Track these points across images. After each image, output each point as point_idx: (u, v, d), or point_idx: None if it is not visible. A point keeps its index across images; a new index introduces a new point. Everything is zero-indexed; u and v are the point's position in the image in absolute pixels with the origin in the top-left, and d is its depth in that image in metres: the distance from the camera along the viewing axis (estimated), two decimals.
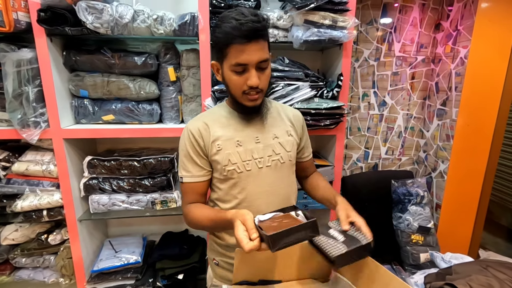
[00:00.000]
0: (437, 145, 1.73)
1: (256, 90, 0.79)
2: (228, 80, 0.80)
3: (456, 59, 1.56)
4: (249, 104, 0.82)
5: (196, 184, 0.87)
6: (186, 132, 0.87)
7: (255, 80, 0.77)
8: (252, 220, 0.65)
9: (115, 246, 1.57)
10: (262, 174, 0.87)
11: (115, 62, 1.29)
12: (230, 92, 0.84)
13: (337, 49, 1.39)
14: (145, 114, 1.37)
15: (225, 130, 0.86)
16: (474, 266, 0.83)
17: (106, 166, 1.36)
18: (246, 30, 0.72)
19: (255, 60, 0.75)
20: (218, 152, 0.84)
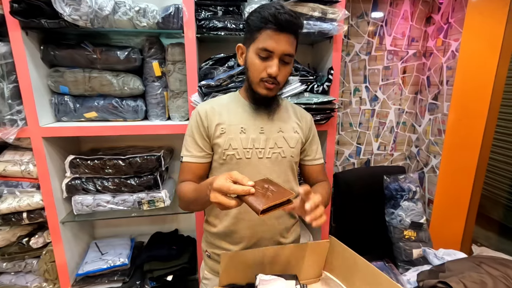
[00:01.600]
0: (429, 140, 1.72)
1: (273, 80, 0.80)
2: (250, 63, 0.81)
3: (447, 52, 1.55)
4: (263, 92, 0.83)
5: (193, 165, 0.88)
6: (194, 113, 0.90)
7: (275, 69, 0.78)
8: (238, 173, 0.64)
9: (102, 248, 1.51)
10: (261, 165, 0.87)
11: (96, 57, 1.23)
12: (248, 77, 0.85)
13: (327, 42, 1.36)
14: (129, 111, 1.32)
15: (231, 116, 0.88)
16: (467, 263, 0.81)
17: (89, 166, 1.31)
18: (282, 19, 0.74)
19: (281, 50, 0.77)
20: (221, 135, 0.86)
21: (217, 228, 0.92)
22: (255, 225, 0.88)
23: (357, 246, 0.82)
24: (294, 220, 0.98)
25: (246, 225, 0.88)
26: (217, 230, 0.91)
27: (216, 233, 0.92)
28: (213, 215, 0.93)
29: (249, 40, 0.81)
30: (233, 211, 0.88)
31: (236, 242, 0.89)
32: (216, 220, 0.92)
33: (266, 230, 0.89)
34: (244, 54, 0.85)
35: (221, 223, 0.90)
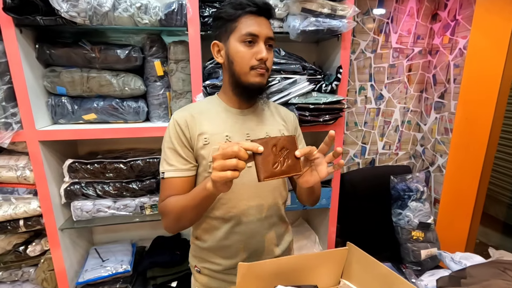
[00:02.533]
0: (435, 139, 1.70)
1: (264, 67, 0.77)
2: (235, 54, 0.77)
3: (455, 50, 1.52)
4: (256, 80, 0.78)
5: (179, 180, 0.79)
6: (171, 123, 0.82)
7: (265, 52, 0.76)
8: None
9: (102, 255, 1.46)
10: (249, 173, 0.79)
11: (95, 55, 1.17)
12: (233, 71, 0.79)
13: (335, 40, 1.32)
14: (130, 112, 1.26)
15: (213, 123, 0.81)
16: (491, 269, 0.79)
17: (89, 170, 1.25)
18: (259, 2, 0.75)
19: (265, 33, 0.76)
20: (205, 146, 0.79)
21: (207, 243, 0.86)
22: (248, 237, 0.84)
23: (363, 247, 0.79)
24: (286, 226, 0.95)
25: (239, 238, 0.84)
26: (208, 245, 0.86)
27: (207, 248, 0.86)
28: (202, 229, 0.87)
29: (226, 33, 0.78)
30: (224, 227, 0.83)
31: (229, 256, 0.85)
32: (206, 235, 0.86)
33: (260, 241, 0.85)
34: (222, 50, 0.80)
35: (211, 238, 0.85)
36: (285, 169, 0.61)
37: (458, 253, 0.97)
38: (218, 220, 0.84)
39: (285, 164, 0.61)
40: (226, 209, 0.82)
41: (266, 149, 0.59)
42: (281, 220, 0.91)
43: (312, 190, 0.82)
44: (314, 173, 0.69)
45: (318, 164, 0.68)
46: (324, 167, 0.67)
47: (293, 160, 0.62)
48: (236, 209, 0.82)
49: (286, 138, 0.62)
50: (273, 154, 0.60)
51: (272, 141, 0.60)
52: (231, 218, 0.83)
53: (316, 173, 0.68)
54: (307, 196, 0.86)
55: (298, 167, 0.63)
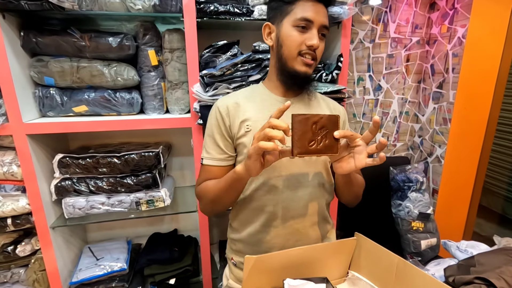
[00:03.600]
0: (433, 129, 1.69)
1: (312, 55, 0.75)
2: (286, 37, 0.74)
3: (453, 39, 1.51)
4: (301, 69, 0.75)
5: (214, 168, 0.80)
6: (213, 110, 0.82)
7: (316, 40, 0.72)
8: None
9: (96, 253, 1.41)
10: (292, 165, 0.78)
11: (85, 44, 1.11)
12: (282, 55, 0.76)
13: (335, 28, 1.28)
14: (123, 104, 1.20)
15: (258, 111, 0.79)
16: (501, 256, 0.77)
17: (80, 165, 1.19)
18: None
19: (320, 21, 0.73)
20: (247, 133, 0.77)
21: (240, 234, 0.84)
22: (287, 233, 0.80)
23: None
24: (330, 226, 0.90)
25: (276, 233, 0.80)
26: (241, 237, 0.84)
27: (240, 240, 0.84)
28: (238, 220, 0.85)
29: (281, 16, 0.75)
30: (261, 218, 0.80)
31: (266, 252, 0.81)
32: (241, 227, 0.84)
33: (299, 239, 0.81)
34: (273, 33, 0.78)
35: (245, 230, 0.82)
36: (321, 148, 0.59)
37: (463, 242, 0.96)
38: (254, 212, 0.81)
39: (321, 143, 0.60)
40: (264, 201, 0.79)
41: (305, 125, 0.58)
42: (325, 219, 0.87)
43: (348, 180, 0.77)
44: (351, 160, 0.65)
45: (358, 153, 0.63)
46: (363, 157, 0.63)
47: (331, 141, 0.60)
48: (275, 202, 0.79)
49: (329, 117, 0.60)
50: (312, 131, 0.59)
51: (313, 118, 0.58)
52: (268, 211, 0.80)
53: (353, 161, 0.64)
54: (343, 187, 0.81)
55: (335, 148, 0.61)
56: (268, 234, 0.80)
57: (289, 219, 0.80)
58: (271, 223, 0.80)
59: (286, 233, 0.80)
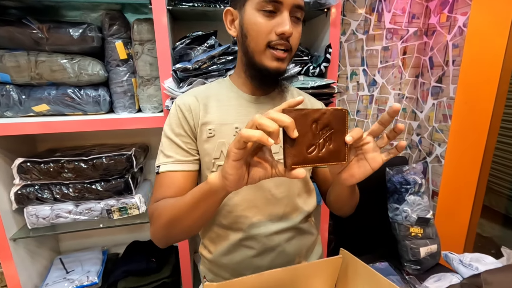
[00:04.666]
0: (432, 127, 1.58)
1: (285, 45, 0.60)
2: (250, 25, 0.60)
3: (453, 28, 1.39)
4: (272, 65, 0.61)
5: (178, 175, 0.64)
6: (173, 108, 0.69)
7: (288, 26, 0.58)
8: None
9: (67, 265, 1.29)
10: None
11: (43, 36, 1.00)
12: (247, 48, 0.63)
13: (323, 17, 1.17)
14: (89, 102, 1.09)
15: (222, 112, 0.67)
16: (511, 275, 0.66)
17: (43, 170, 1.08)
18: None
19: (292, 1, 0.58)
20: (209, 139, 0.65)
21: (213, 254, 0.72)
22: (258, 254, 0.69)
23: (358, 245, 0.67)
24: (312, 239, 0.79)
25: (246, 254, 0.69)
26: (214, 258, 0.72)
27: (213, 260, 0.73)
28: (208, 238, 0.74)
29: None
30: (230, 237, 0.69)
31: (238, 274, 0.69)
32: (211, 245, 0.73)
33: (276, 257, 0.70)
34: (237, 20, 0.64)
35: (216, 249, 0.71)
36: (324, 155, 0.45)
37: (466, 254, 0.84)
38: (223, 230, 0.70)
39: (324, 149, 0.45)
40: (232, 218, 0.68)
41: (303, 125, 0.42)
42: (305, 232, 0.75)
43: (352, 190, 0.64)
44: (363, 163, 0.51)
45: (368, 151, 0.50)
46: (377, 155, 0.50)
47: (337, 144, 0.46)
48: (244, 218, 0.68)
49: (334, 112, 0.45)
50: (312, 132, 0.43)
51: (313, 114, 0.43)
52: (237, 229, 0.68)
53: (367, 163, 0.50)
54: (347, 199, 0.66)
55: (342, 155, 0.47)
56: (238, 255, 0.70)
57: (261, 237, 0.69)
58: (241, 242, 0.69)
59: (258, 252, 0.69)
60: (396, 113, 0.46)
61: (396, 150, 0.50)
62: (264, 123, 0.38)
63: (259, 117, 0.39)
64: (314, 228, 0.80)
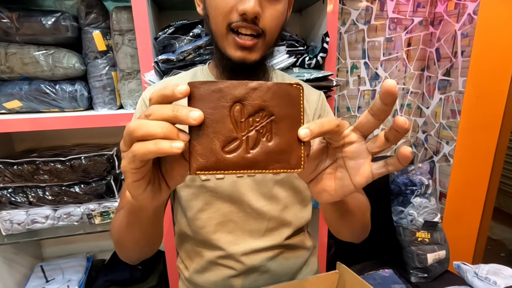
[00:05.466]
0: (439, 124, 1.47)
1: (252, 28, 0.47)
2: (209, 3, 0.49)
3: (463, 16, 1.29)
4: (235, 54, 0.50)
5: None
6: (139, 103, 0.60)
7: (253, 2, 0.44)
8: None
9: (48, 273, 1.21)
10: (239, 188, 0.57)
11: (12, 25, 0.92)
12: (210, 30, 0.52)
13: (320, 4, 1.07)
14: (65, 98, 1.00)
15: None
16: None
17: (16, 172, 1.00)
18: None
19: None
20: None
21: (189, 272, 0.64)
22: (237, 275, 0.60)
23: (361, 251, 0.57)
24: (306, 254, 0.68)
25: (223, 274, 0.60)
26: (188, 276, 0.64)
27: (188, 278, 0.64)
28: (184, 251, 0.65)
29: None
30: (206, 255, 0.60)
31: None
32: (187, 261, 0.65)
33: (258, 279, 0.61)
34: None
35: (191, 266, 0.63)
36: (258, 156, 0.29)
37: (482, 266, 0.74)
38: (198, 245, 0.61)
39: (259, 147, 0.29)
40: (205, 234, 0.59)
41: (217, 107, 0.28)
42: (292, 248, 0.65)
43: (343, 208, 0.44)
44: (342, 174, 0.34)
45: (352, 156, 0.33)
46: (365, 163, 0.32)
47: (283, 140, 0.30)
48: (219, 234, 0.59)
49: (275, 88, 0.29)
50: (234, 120, 0.29)
51: (235, 89, 0.28)
52: (214, 246, 0.59)
53: (347, 175, 0.33)
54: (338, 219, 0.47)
55: (293, 158, 0.30)
56: (217, 274, 0.61)
57: (241, 256, 0.60)
58: (218, 261, 0.60)
59: (239, 272, 0.60)
60: (391, 93, 0.28)
61: (397, 161, 0.31)
62: (149, 131, 0.26)
63: (136, 126, 0.26)
64: (309, 240, 0.70)
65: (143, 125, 0.26)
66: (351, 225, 0.50)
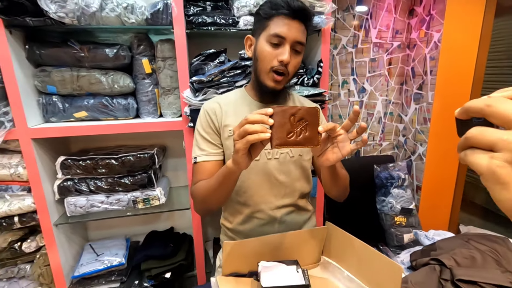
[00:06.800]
0: (415, 129, 1.78)
1: (283, 70, 0.79)
2: (260, 52, 0.80)
3: (430, 43, 1.60)
4: (270, 84, 0.81)
5: (210, 164, 0.85)
6: (202, 112, 0.89)
7: (287, 56, 0.76)
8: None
9: (97, 250, 1.50)
10: (269, 165, 0.88)
11: (84, 55, 1.21)
12: (256, 68, 0.83)
13: (316, 35, 1.38)
14: (120, 109, 1.30)
15: (237, 116, 0.87)
16: (457, 241, 0.86)
17: (81, 166, 1.29)
18: (295, 6, 0.75)
19: (293, 36, 0.76)
20: (229, 137, 0.86)
21: (232, 224, 0.94)
22: (265, 224, 0.90)
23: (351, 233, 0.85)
24: (308, 214, 0.99)
25: (257, 223, 0.90)
26: (232, 227, 0.94)
27: (231, 229, 0.94)
28: (228, 212, 0.95)
29: (259, 30, 0.81)
30: (244, 211, 0.90)
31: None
32: (231, 217, 0.94)
33: (277, 228, 0.91)
34: (253, 45, 0.84)
35: (234, 220, 0.92)
36: (301, 140, 0.59)
37: (431, 231, 1.04)
38: (240, 205, 0.91)
39: (301, 135, 0.59)
40: (246, 196, 0.89)
41: (283, 117, 0.58)
42: (300, 209, 0.95)
43: (334, 173, 0.79)
44: (335, 150, 0.66)
45: (341, 141, 0.65)
46: (347, 144, 0.65)
47: (311, 133, 0.60)
48: (254, 196, 0.88)
49: (307, 109, 0.60)
50: (290, 123, 0.59)
51: (290, 110, 0.59)
52: (249, 204, 0.89)
53: (338, 150, 0.65)
54: (330, 181, 0.82)
55: (315, 141, 0.60)
56: (250, 224, 0.90)
57: (267, 211, 0.90)
58: (252, 215, 0.90)
59: (265, 223, 0.90)
60: (357, 113, 0.62)
61: (362, 142, 0.63)
62: (254, 130, 0.57)
63: (248, 127, 0.57)
64: (310, 206, 1.00)
65: (251, 127, 0.57)
66: (338, 184, 0.83)
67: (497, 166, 0.25)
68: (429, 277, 0.74)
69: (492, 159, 0.25)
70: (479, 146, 0.27)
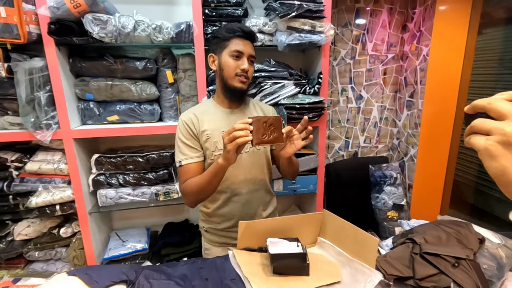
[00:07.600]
0: (407, 133, 1.96)
1: (245, 75, 1.02)
2: (225, 64, 1.02)
3: (420, 56, 1.78)
4: (238, 85, 1.02)
5: (193, 165, 1.03)
6: (180, 122, 1.06)
7: (247, 64, 1.01)
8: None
9: (122, 237, 1.70)
10: (241, 159, 1.07)
11: (117, 67, 1.42)
12: (222, 77, 1.03)
13: (317, 50, 1.57)
14: (146, 114, 1.50)
15: (211, 122, 1.06)
16: (430, 225, 1.04)
17: (112, 163, 1.49)
18: (246, 31, 1.02)
19: (248, 52, 1.02)
20: (207, 140, 1.04)
21: (211, 209, 1.12)
22: (242, 204, 1.10)
23: None
24: (271, 196, 1.21)
25: (234, 205, 1.10)
26: (211, 211, 1.12)
27: (210, 213, 1.13)
28: (207, 200, 1.12)
29: (220, 48, 1.02)
30: (222, 197, 1.09)
31: (228, 219, 1.11)
32: (210, 204, 1.13)
33: (250, 207, 1.11)
34: (216, 61, 1.05)
35: (214, 205, 1.11)
36: (272, 139, 0.85)
37: (414, 220, 1.22)
38: (218, 193, 1.09)
39: (271, 136, 0.84)
40: (224, 184, 1.08)
41: (258, 124, 0.83)
42: (267, 192, 1.17)
43: (290, 161, 1.05)
44: (292, 145, 0.95)
45: (296, 139, 0.94)
46: (299, 141, 0.94)
47: (278, 133, 0.85)
48: (233, 184, 1.08)
49: (274, 118, 0.85)
50: (263, 128, 0.83)
51: (263, 119, 0.84)
52: (228, 191, 1.09)
53: (293, 145, 0.94)
54: (287, 166, 1.08)
55: (281, 139, 0.86)
56: (229, 206, 1.10)
57: (243, 195, 1.10)
58: (230, 199, 1.10)
59: (241, 204, 1.10)
60: (306, 121, 0.91)
61: (309, 140, 0.94)
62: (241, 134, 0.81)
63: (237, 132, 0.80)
64: (271, 189, 1.21)
65: (238, 133, 0.81)
66: (292, 168, 1.10)
67: (490, 145, 0.34)
68: (404, 252, 0.91)
69: (487, 140, 0.35)
70: (480, 132, 0.36)
